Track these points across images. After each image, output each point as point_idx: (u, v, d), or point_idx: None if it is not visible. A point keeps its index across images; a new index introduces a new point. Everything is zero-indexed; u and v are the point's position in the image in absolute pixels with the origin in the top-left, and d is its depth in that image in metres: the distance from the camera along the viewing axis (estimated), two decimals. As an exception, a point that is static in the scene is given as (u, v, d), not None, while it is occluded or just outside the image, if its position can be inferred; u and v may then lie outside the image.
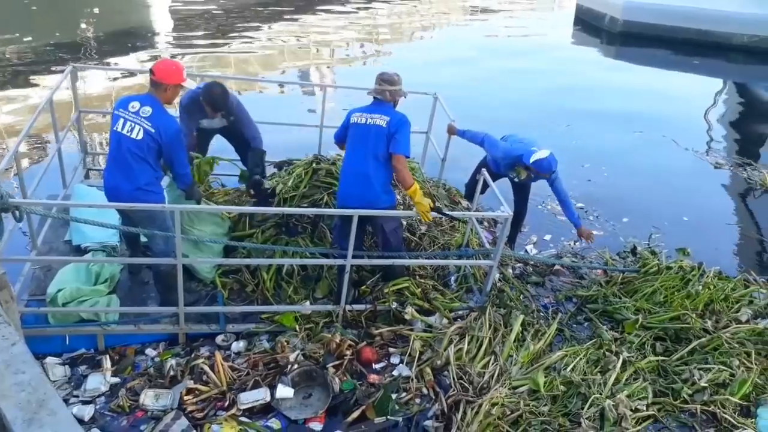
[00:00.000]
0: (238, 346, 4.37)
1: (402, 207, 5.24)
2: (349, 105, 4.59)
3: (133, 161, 3.91)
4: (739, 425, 3.96)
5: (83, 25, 14.68)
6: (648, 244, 6.39)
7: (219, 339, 4.44)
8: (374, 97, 4.46)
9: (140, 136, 3.87)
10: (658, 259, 5.63)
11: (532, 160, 5.13)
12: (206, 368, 4.00)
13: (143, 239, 4.62)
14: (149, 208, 3.96)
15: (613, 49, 17.45)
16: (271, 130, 6.85)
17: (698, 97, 13.50)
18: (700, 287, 5.18)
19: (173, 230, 3.94)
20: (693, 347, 4.54)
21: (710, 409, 4.08)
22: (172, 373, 4.02)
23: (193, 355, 4.23)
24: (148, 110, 3.89)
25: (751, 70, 15.77)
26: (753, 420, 4.03)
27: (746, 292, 5.32)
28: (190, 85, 4.17)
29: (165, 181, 4.43)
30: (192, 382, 3.96)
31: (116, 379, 4.04)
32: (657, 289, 5.16)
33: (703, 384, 4.19)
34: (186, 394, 3.86)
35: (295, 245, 4.88)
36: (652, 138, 10.18)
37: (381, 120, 4.31)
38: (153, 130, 3.87)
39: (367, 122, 4.36)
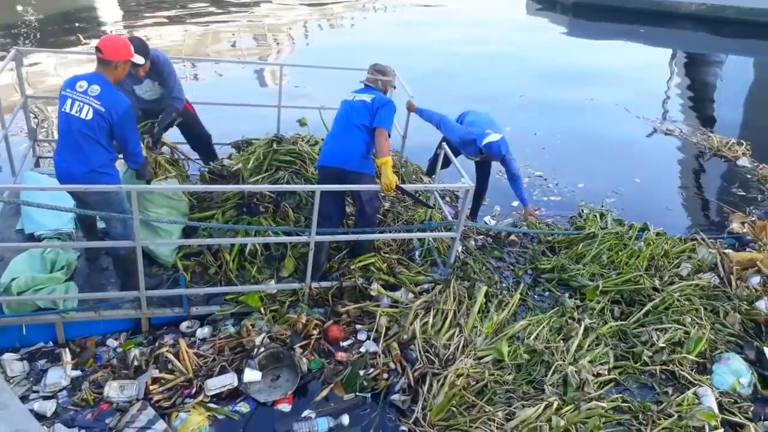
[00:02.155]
0: (203, 332, 4.31)
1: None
2: (302, 83, 4.54)
3: (85, 143, 3.77)
4: (696, 382, 4.12)
5: (20, 7, 14.00)
6: (602, 206, 6.56)
7: (183, 326, 4.37)
8: (366, 85, 4.73)
9: (90, 116, 3.72)
10: (604, 222, 5.81)
11: (483, 143, 5.28)
12: (171, 356, 3.95)
13: (100, 225, 4.49)
14: (103, 190, 3.82)
15: (565, 20, 17.62)
16: (230, 111, 6.74)
17: (647, 65, 13.78)
18: (642, 244, 5.38)
19: (130, 213, 3.83)
20: (648, 309, 4.69)
21: (669, 368, 4.24)
22: (136, 363, 3.94)
23: (157, 344, 4.16)
24: (96, 89, 3.74)
25: (698, 38, 16.14)
26: (708, 377, 4.21)
27: (685, 248, 5.55)
28: (139, 60, 4.02)
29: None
30: (157, 371, 3.90)
31: (77, 373, 3.95)
32: (601, 251, 5.31)
33: (661, 344, 4.34)
34: (152, 384, 3.80)
35: (257, 225, 4.82)
36: (604, 106, 10.39)
37: (367, 97, 4.58)
38: (103, 110, 3.72)
39: (355, 99, 4.64)
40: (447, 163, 5.36)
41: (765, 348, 4.43)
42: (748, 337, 4.59)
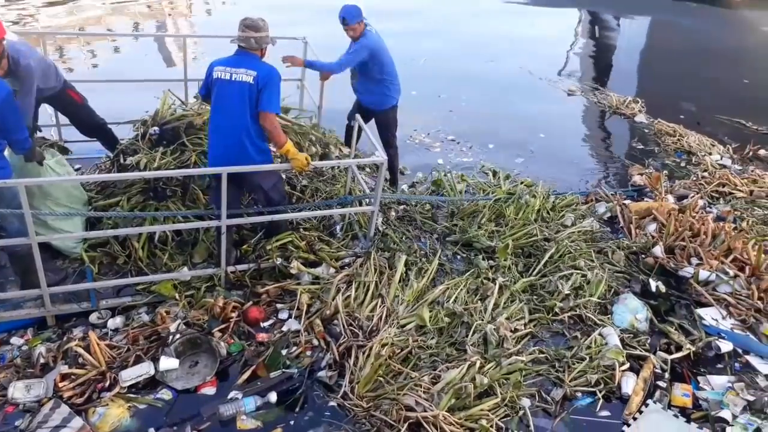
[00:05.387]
0: (115, 322, 4.13)
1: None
2: (215, 55, 4.24)
3: None
4: (600, 323, 4.43)
5: None
6: (494, 170, 6.76)
7: (93, 317, 4.17)
8: (239, 46, 4.12)
9: None
10: (497, 180, 6.16)
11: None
12: (81, 350, 3.76)
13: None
14: None
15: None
16: (133, 88, 6.37)
17: (548, 27, 14.16)
18: (528, 196, 5.69)
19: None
20: (546, 260, 4.96)
21: (576, 313, 4.51)
22: (42, 360, 3.73)
23: (65, 338, 3.94)
24: None
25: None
26: (609, 316, 4.54)
27: (570, 201, 5.97)
28: (12, 37, 3.67)
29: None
30: (66, 366, 3.70)
31: (-21, 376, 3.69)
32: (490, 207, 5.59)
33: (566, 292, 4.62)
34: (61, 381, 3.60)
35: (165, 210, 4.62)
36: (506, 68, 10.64)
37: (247, 76, 3.99)
38: None
39: (232, 78, 4.01)
40: (366, 118, 5.36)
41: (650, 280, 4.85)
42: (633, 272, 5.02)
